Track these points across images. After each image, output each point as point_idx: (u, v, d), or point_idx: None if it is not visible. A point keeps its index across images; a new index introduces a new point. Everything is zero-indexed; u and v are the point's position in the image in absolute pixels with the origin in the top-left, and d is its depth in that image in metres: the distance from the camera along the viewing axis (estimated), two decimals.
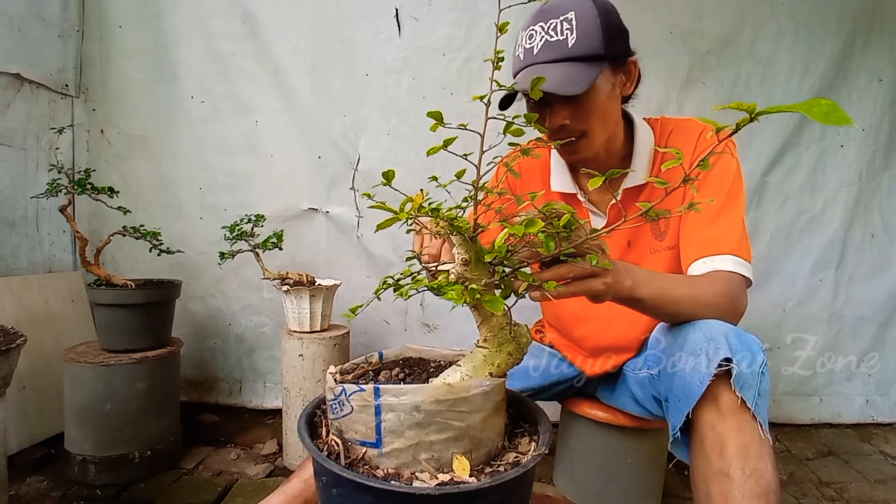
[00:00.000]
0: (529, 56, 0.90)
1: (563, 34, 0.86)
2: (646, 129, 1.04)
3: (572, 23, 0.86)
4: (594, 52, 0.87)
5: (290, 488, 0.92)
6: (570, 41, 0.86)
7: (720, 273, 0.87)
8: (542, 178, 1.14)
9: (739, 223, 0.92)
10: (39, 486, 1.42)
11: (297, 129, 1.93)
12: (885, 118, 1.97)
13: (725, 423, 0.72)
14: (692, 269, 0.91)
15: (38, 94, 1.74)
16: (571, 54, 0.86)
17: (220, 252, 1.57)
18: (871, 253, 2.04)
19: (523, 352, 0.66)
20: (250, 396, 2.01)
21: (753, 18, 1.91)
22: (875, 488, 1.61)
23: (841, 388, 2.09)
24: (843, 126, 2.00)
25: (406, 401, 0.57)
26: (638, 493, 1.31)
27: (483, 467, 0.61)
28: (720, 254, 0.88)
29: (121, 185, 1.77)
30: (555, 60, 0.87)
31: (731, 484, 0.70)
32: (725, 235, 0.90)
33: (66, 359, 1.45)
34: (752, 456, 0.70)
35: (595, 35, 0.87)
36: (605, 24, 0.88)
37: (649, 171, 1.02)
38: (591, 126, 0.93)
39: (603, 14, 0.88)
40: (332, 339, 1.57)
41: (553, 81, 0.84)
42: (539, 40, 0.88)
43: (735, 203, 0.93)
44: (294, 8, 1.86)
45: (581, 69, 0.86)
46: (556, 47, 0.87)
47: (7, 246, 1.64)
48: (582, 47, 0.86)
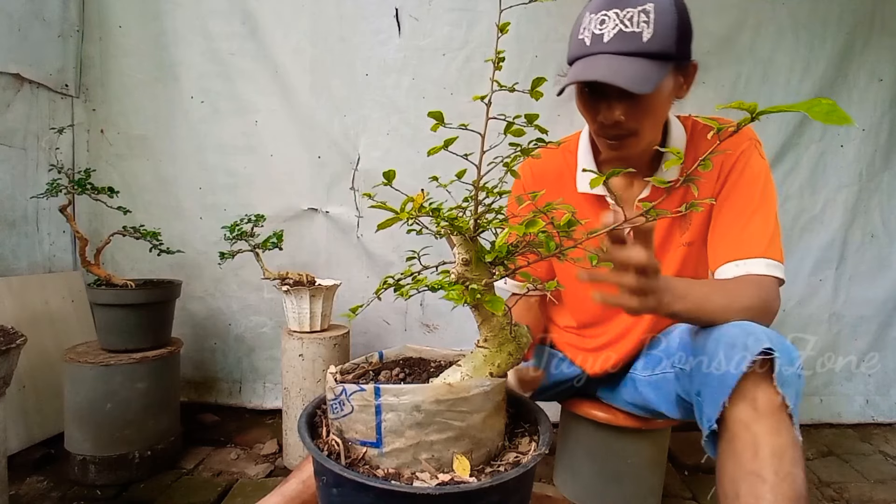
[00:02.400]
0: (598, 43, 0.83)
1: (639, 26, 0.81)
2: (679, 128, 1.03)
3: (650, 16, 0.81)
4: (667, 50, 0.83)
5: (288, 489, 0.91)
6: (646, 35, 0.81)
7: (752, 277, 0.86)
8: (569, 179, 1.11)
9: (772, 224, 0.91)
10: (39, 486, 1.42)
11: (297, 129, 1.93)
12: (885, 118, 1.97)
13: (761, 423, 0.70)
14: (723, 272, 0.90)
15: (38, 94, 1.74)
16: (645, 49, 0.81)
17: (220, 252, 1.57)
18: (871, 253, 2.04)
19: (523, 352, 0.66)
20: (250, 396, 2.01)
21: (753, 18, 1.91)
22: (875, 488, 1.61)
23: (841, 388, 2.09)
24: (843, 126, 2.00)
25: (406, 400, 0.57)
26: (638, 494, 1.31)
27: (483, 467, 0.61)
28: (752, 257, 0.87)
29: (121, 185, 1.77)
30: (627, 53, 0.82)
31: (763, 486, 0.67)
32: (758, 238, 0.89)
33: (66, 359, 1.45)
34: (787, 460, 0.68)
35: (671, 33, 0.82)
36: (681, 21, 0.84)
37: (679, 169, 1.00)
38: (644, 126, 0.90)
39: (680, 11, 0.84)
40: (332, 339, 1.57)
41: (625, 77, 0.80)
42: (612, 28, 0.82)
43: (766, 204, 0.92)
44: (294, 8, 1.86)
45: (652, 67, 0.82)
46: (630, 39, 0.81)
47: (7, 246, 1.64)
48: (656, 44, 0.82)
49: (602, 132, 0.92)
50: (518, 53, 1.86)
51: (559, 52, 1.78)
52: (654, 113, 0.90)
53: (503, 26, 0.58)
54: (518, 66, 1.86)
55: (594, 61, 0.83)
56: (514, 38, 1.85)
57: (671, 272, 1.06)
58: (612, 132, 0.90)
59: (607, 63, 0.81)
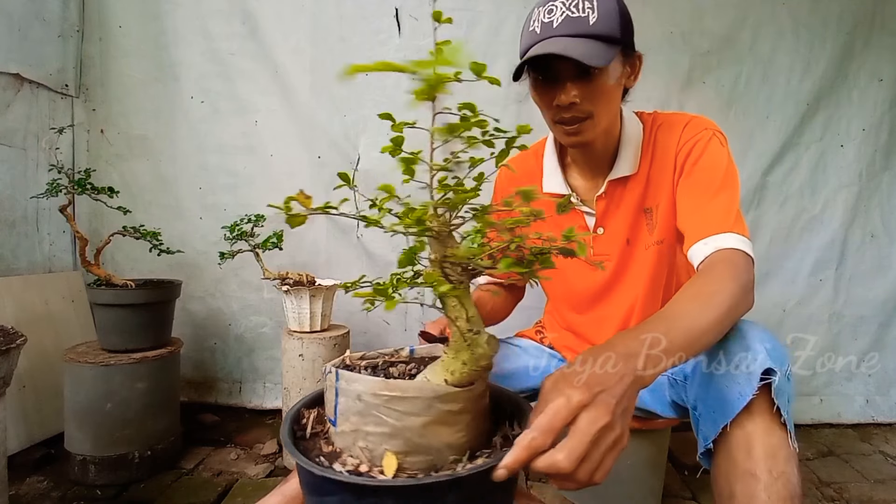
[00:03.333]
0: (548, 29, 0.89)
1: (584, 11, 0.87)
2: (635, 123, 1.05)
3: (594, 2, 0.88)
4: (612, 33, 0.88)
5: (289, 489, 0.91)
6: (591, 19, 0.87)
7: (724, 254, 0.84)
8: (537, 181, 1.13)
9: (736, 204, 0.91)
10: (39, 486, 1.42)
11: (297, 129, 1.93)
12: (885, 118, 1.97)
13: (755, 423, 0.71)
14: (694, 251, 0.89)
15: (38, 94, 1.74)
16: (592, 31, 0.87)
17: (220, 252, 1.57)
18: (871, 253, 2.04)
19: (480, 363, 0.60)
20: (250, 396, 2.01)
21: (754, 18, 1.91)
22: (875, 488, 1.61)
23: (841, 388, 2.09)
24: (844, 125, 2.00)
25: (352, 388, 0.59)
26: (638, 494, 1.31)
27: (420, 475, 0.58)
28: (721, 232, 0.86)
29: (121, 185, 1.77)
30: (575, 35, 0.87)
31: (757, 485, 0.68)
32: (723, 214, 0.89)
33: (66, 359, 1.45)
34: (781, 459, 0.69)
35: (614, 18, 0.88)
36: (622, 10, 0.90)
37: (637, 164, 1.02)
38: (598, 108, 0.93)
39: (619, 1, 0.91)
40: (332, 339, 1.57)
41: (577, 52, 0.84)
42: (560, 15, 0.88)
43: (728, 186, 0.92)
44: (294, 8, 1.87)
45: (601, 47, 0.87)
46: (577, 23, 0.87)
47: (7, 246, 1.64)
48: (602, 27, 0.87)
49: (558, 118, 0.95)
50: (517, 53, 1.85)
51: None
52: (606, 95, 0.93)
53: (437, 15, 0.58)
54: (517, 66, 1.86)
55: (546, 44, 0.88)
56: (514, 37, 1.83)
57: (646, 273, 1.05)
58: (569, 115, 0.93)
59: (559, 42, 0.86)
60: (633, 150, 1.03)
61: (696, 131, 0.97)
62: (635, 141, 1.03)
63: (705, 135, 0.97)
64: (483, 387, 0.63)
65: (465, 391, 0.59)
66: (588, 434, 0.53)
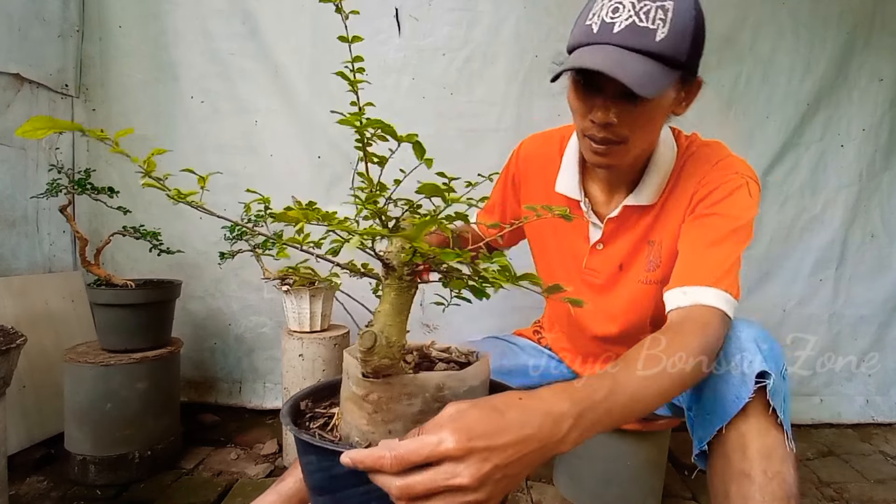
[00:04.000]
0: (607, 32, 0.76)
1: (654, 23, 0.74)
2: (669, 147, 0.96)
3: (668, 14, 0.74)
4: (678, 56, 0.76)
5: (285, 488, 0.90)
6: (659, 34, 0.74)
7: (697, 311, 0.77)
8: (551, 173, 1.05)
9: (733, 259, 0.82)
10: (39, 486, 1.42)
11: (297, 129, 1.93)
12: (885, 118, 1.97)
13: (749, 424, 0.70)
14: (670, 297, 0.82)
15: (38, 94, 1.74)
16: (655, 50, 0.74)
17: (220, 252, 1.57)
18: (871, 253, 2.04)
19: (363, 361, 0.58)
20: (250, 396, 2.01)
21: (754, 18, 1.90)
22: (875, 488, 1.61)
23: (841, 388, 2.09)
24: (844, 125, 2.00)
25: None
26: (638, 495, 1.31)
27: None
28: (704, 285, 0.79)
29: (121, 185, 1.76)
30: (635, 49, 0.74)
31: (751, 486, 0.68)
32: (714, 266, 0.80)
33: (66, 359, 1.45)
34: (776, 459, 0.69)
35: (686, 38, 0.75)
36: (697, 29, 0.77)
37: (659, 195, 0.94)
38: (636, 135, 0.83)
39: (698, 19, 0.77)
40: (332, 339, 1.57)
41: (629, 73, 0.72)
42: (625, 18, 0.74)
43: (735, 240, 0.83)
44: (294, 8, 1.86)
45: (659, 71, 0.75)
46: (641, 34, 0.74)
47: (7, 246, 1.64)
48: (668, 46, 0.75)
49: (590, 133, 0.85)
50: (518, 53, 1.85)
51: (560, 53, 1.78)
52: (649, 123, 0.83)
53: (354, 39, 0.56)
54: (518, 66, 1.86)
55: (599, 50, 0.75)
56: (514, 37, 1.85)
57: (632, 305, 0.99)
58: (601, 135, 0.83)
59: (613, 55, 0.74)
60: (658, 179, 0.94)
61: (725, 174, 0.88)
62: (664, 169, 0.94)
63: (735, 180, 0.87)
64: (402, 383, 0.60)
65: (370, 381, 0.59)
66: (433, 483, 0.47)
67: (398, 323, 0.60)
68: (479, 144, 1.89)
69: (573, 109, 0.88)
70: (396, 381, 0.59)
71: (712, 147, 0.96)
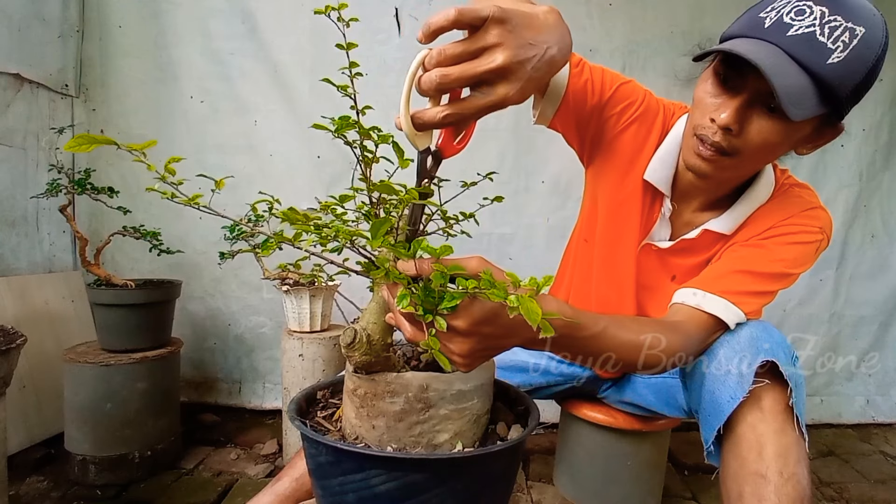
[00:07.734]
0: (778, 32, 0.68)
1: (834, 42, 0.65)
2: (768, 182, 0.90)
3: (854, 40, 0.65)
4: (839, 90, 0.67)
5: (281, 488, 0.90)
6: (835, 57, 0.66)
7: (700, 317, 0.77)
8: (648, 149, 0.92)
9: (762, 288, 0.81)
10: (39, 486, 1.42)
11: (297, 129, 1.93)
12: (885, 118, 1.97)
13: (767, 423, 0.70)
14: (680, 293, 0.82)
15: (38, 94, 1.74)
16: (821, 71, 0.66)
17: (220, 252, 1.57)
18: (871, 253, 2.04)
19: (347, 357, 0.61)
20: (250, 397, 2.01)
21: None
22: (875, 488, 1.61)
23: (841, 389, 2.09)
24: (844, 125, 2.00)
25: None
26: (638, 495, 1.31)
27: None
28: (719, 294, 0.78)
29: (121, 185, 1.76)
30: (800, 62, 0.67)
31: (767, 486, 0.67)
32: (739, 283, 0.79)
33: (66, 359, 1.45)
34: (792, 460, 0.68)
35: (858, 74, 0.67)
36: (873, 69, 0.68)
37: (738, 226, 0.90)
38: (748, 155, 0.76)
39: (881, 57, 0.68)
40: (331, 339, 1.57)
41: (784, 83, 0.65)
42: (805, 27, 0.66)
43: (773, 281, 0.82)
44: (294, 8, 1.86)
45: (813, 97, 0.67)
46: (815, 50, 0.66)
47: (7, 246, 1.64)
48: (837, 74, 0.66)
49: (702, 133, 0.77)
50: None
51: None
52: (770, 148, 0.75)
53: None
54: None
55: (761, 46, 0.68)
56: None
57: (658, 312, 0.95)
58: (714, 139, 0.75)
59: (776, 58, 0.66)
60: (745, 211, 0.89)
61: (811, 223, 0.85)
62: (756, 203, 0.89)
63: (816, 235, 0.85)
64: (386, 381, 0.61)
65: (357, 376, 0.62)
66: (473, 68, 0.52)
67: (383, 321, 0.61)
68: (479, 144, 1.89)
69: (696, 102, 0.80)
70: (381, 379, 0.60)
71: (806, 191, 0.92)
